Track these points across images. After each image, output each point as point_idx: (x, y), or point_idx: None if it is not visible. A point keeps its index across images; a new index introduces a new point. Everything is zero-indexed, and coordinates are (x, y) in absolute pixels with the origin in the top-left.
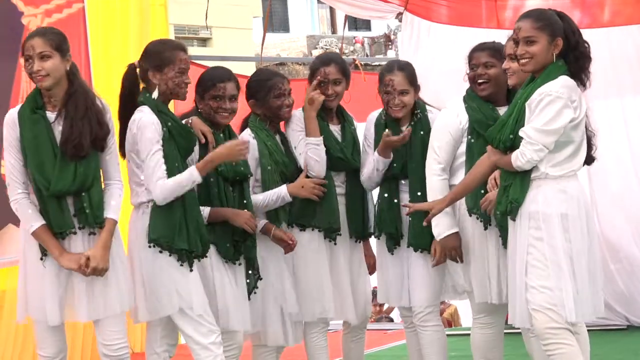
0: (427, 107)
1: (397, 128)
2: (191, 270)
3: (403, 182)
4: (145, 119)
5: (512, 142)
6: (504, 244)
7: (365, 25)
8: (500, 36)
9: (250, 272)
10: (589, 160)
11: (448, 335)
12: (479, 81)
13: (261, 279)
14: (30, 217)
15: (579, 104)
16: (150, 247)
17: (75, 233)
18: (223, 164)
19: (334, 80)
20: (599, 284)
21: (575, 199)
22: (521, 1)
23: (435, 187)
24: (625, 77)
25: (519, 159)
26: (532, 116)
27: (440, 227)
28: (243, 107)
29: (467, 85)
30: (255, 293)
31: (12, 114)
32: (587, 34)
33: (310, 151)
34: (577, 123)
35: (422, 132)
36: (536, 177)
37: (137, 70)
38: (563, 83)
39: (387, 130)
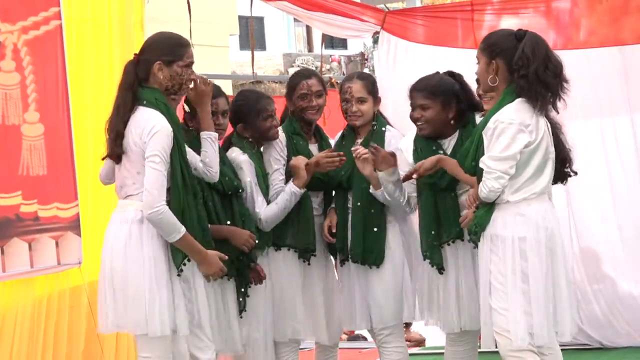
0: (388, 126)
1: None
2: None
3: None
4: None
5: (474, 170)
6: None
7: (342, 43)
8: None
9: (242, 290)
10: (562, 177)
11: (426, 353)
12: (417, 123)
13: (248, 295)
14: (178, 223)
15: (535, 127)
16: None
17: None
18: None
19: (317, 92)
20: (569, 306)
21: (534, 222)
22: (496, 21)
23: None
24: (605, 98)
25: (482, 190)
26: (489, 145)
27: None
28: None
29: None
30: (245, 311)
31: (168, 126)
32: (566, 55)
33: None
34: (534, 146)
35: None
36: (499, 202)
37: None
38: (515, 108)
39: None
